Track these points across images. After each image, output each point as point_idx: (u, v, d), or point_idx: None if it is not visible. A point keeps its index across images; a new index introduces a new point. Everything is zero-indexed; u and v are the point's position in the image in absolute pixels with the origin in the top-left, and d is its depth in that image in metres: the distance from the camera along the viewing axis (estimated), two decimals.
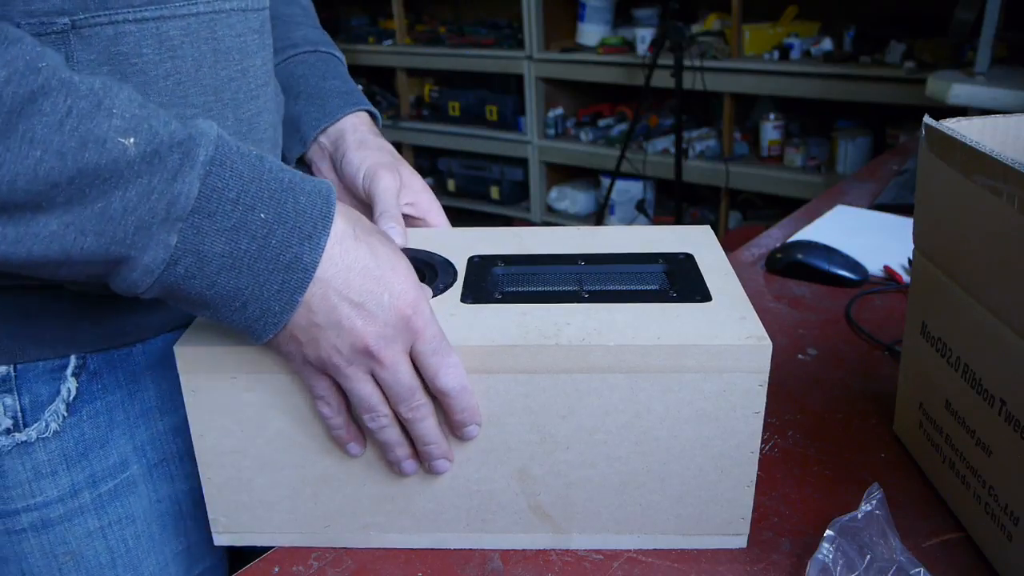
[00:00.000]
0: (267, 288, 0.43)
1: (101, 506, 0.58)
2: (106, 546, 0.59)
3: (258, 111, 0.58)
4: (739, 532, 0.53)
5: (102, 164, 0.38)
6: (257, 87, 0.58)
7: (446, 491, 0.52)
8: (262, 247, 0.42)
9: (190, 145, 0.40)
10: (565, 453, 0.50)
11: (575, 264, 0.58)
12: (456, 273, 0.57)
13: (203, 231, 0.41)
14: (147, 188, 0.39)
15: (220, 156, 0.41)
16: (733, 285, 0.55)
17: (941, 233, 0.56)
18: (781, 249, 0.96)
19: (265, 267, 0.43)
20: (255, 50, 0.57)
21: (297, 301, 0.44)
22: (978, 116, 0.58)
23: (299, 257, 0.43)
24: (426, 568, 0.53)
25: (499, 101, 3.43)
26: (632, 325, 0.49)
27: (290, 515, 0.54)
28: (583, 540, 0.53)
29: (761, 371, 0.48)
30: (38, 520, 0.56)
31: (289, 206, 0.43)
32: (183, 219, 0.40)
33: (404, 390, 0.47)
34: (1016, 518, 0.48)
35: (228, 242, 0.42)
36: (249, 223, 0.42)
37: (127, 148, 0.39)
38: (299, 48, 0.73)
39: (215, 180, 0.41)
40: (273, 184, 0.43)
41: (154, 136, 0.39)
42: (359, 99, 0.73)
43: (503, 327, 0.50)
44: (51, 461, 0.55)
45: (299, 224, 0.43)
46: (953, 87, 1.65)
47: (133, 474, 0.60)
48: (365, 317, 0.45)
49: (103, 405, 0.57)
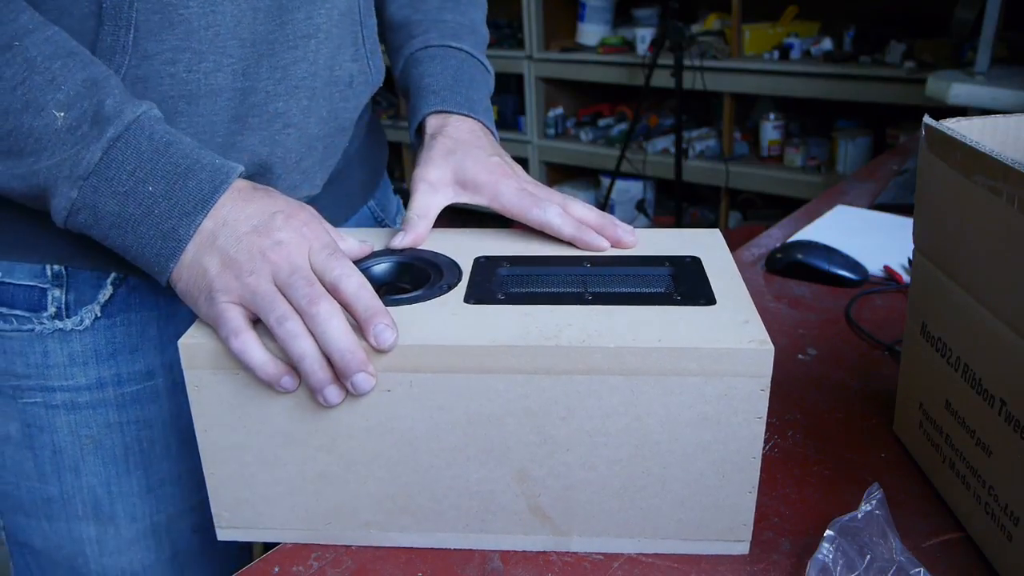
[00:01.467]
0: (148, 250, 0.51)
1: (123, 404, 0.64)
2: (122, 440, 0.65)
3: (294, 60, 0.61)
4: (741, 538, 0.52)
5: (36, 127, 0.49)
6: (296, 38, 0.60)
7: (446, 490, 0.52)
8: (146, 214, 0.51)
9: (105, 124, 0.50)
10: (565, 455, 0.50)
11: (580, 266, 0.58)
12: (461, 273, 0.57)
13: (99, 191, 0.50)
14: (65, 153, 0.49)
15: (128, 135, 0.50)
16: (738, 289, 0.54)
17: (941, 233, 0.56)
18: (781, 249, 0.96)
19: (147, 232, 0.51)
20: (297, 5, 0.60)
21: (170, 268, 0.51)
22: (978, 116, 0.58)
23: (175, 229, 0.51)
24: (426, 568, 0.53)
25: (499, 101, 3.43)
26: (633, 327, 0.49)
27: (292, 511, 0.54)
28: (583, 542, 0.53)
29: (763, 375, 0.47)
30: (69, 401, 0.63)
31: (178, 187, 0.51)
32: (83, 178, 0.50)
33: (302, 276, 0.49)
34: (1016, 518, 0.48)
35: (118, 204, 0.50)
36: (139, 193, 0.50)
37: (56, 119, 0.49)
38: (413, 47, 0.74)
39: (117, 153, 0.50)
40: (169, 167, 0.51)
41: (81, 114, 0.50)
42: (447, 98, 0.69)
43: (504, 327, 0.50)
44: (84, 352, 0.62)
45: (181, 202, 0.51)
46: (953, 87, 1.65)
47: (158, 385, 0.65)
48: (261, 231, 0.51)
49: (138, 317, 0.63)
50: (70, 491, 0.64)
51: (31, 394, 0.62)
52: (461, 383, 0.49)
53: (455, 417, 0.50)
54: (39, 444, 0.63)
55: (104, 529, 0.65)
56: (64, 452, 0.63)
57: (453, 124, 0.68)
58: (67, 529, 0.65)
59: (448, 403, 0.49)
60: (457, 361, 0.48)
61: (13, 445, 0.64)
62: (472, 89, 0.72)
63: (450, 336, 0.49)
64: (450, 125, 0.68)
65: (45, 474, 0.64)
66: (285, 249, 0.50)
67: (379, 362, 0.49)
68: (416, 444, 0.51)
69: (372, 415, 0.50)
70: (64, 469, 0.64)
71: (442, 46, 0.74)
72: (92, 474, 0.64)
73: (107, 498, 0.65)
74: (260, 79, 0.59)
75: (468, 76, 0.73)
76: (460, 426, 0.50)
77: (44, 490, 0.65)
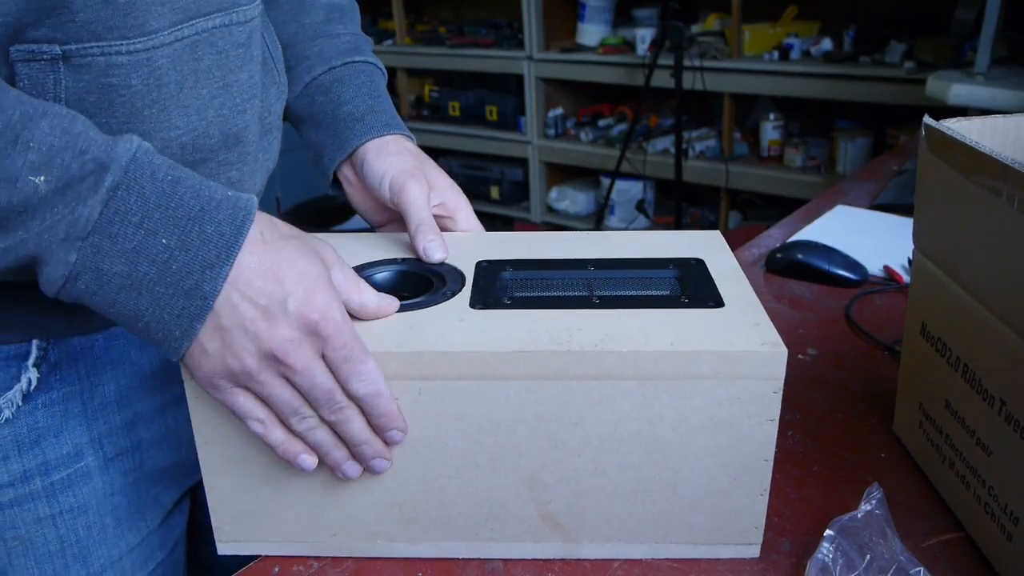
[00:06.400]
0: (167, 312, 0.44)
1: (52, 494, 0.58)
2: (56, 535, 0.59)
3: (245, 125, 0.58)
4: (752, 541, 0.52)
5: (14, 202, 0.41)
6: (243, 101, 0.57)
7: (455, 499, 0.52)
8: (162, 272, 0.43)
9: (100, 173, 0.42)
10: (576, 460, 0.50)
11: (585, 269, 0.58)
12: (464, 278, 0.56)
13: (103, 251, 0.42)
14: (55, 215, 0.42)
15: (128, 180, 0.43)
16: (745, 290, 0.54)
17: (941, 233, 0.56)
18: (781, 249, 0.96)
19: (165, 291, 0.44)
20: (238, 64, 0.56)
21: (196, 329, 0.44)
22: (978, 116, 0.58)
23: (199, 285, 0.44)
24: (426, 569, 0.53)
25: (499, 101, 3.43)
26: (644, 331, 0.49)
27: (295, 524, 0.53)
28: (593, 549, 0.53)
29: (776, 378, 0.47)
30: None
31: (194, 234, 0.44)
32: (82, 239, 0.42)
33: (322, 394, 0.46)
34: (1016, 518, 0.48)
35: (128, 263, 0.43)
36: (150, 247, 0.43)
37: (38, 187, 0.41)
38: (314, 72, 0.70)
39: (118, 204, 0.42)
40: (180, 211, 0.44)
41: (65, 171, 0.41)
42: (372, 123, 0.68)
43: (514, 333, 0.49)
44: (3, 446, 0.56)
45: (202, 252, 0.44)
46: (953, 87, 1.65)
47: (88, 465, 0.59)
48: (269, 319, 0.44)
49: (59, 396, 0.57)
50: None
51: None
52: (471, 390, 0.48)
53: (464, 424, 0.49)
54: None
55: None
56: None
57: (393, 142, 0.67)
58: None
59: (458, 410, 0.49)
60: (467, 368, 0.48)
61: None
62: (387, 102, 0.71)
63: (459, 342, 0.48)
64: (391, 144, 0.67)
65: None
66: (299, 356, 0.45)
67: (387, 369, 0.48)
68: (424, 452, 0.50)
69: None
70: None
71: (345, 64, 0.71)
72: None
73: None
74: (212, 150, 0.55)
75: (379, 90, 0.72)
76: (470, 433, 0.49)
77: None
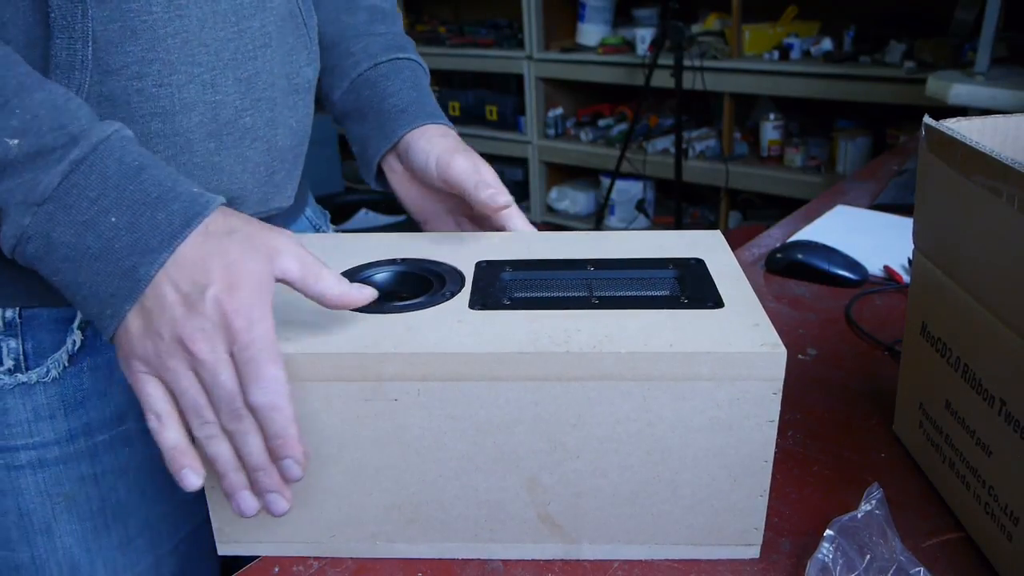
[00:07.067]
0: (103, 289, 0.45)
1: (95, 454, 0.60)
2: (98, 493, 0.61)
3: (256, 71, 0.58)
4: (751, 542, 0.52)
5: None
6: (255, 48, 0.58)
7: (454, 500, 0.51)
8: (105, 249, 0.44)
9: (70, 146, 0.44)
10: (575, 462, 0.50)
11: (584, 269, 0.58)
12: (464, 279, 0.56)
13: (55, 219, 0.44)
14: (22, 178, 0.44)
15: (94, 157, 0.45)
16: (745, 291, 0.54)
17: (941, 233, 0.56)
18: (781, 249, 0.96)
19: (103, 268, 0.44)
20: (251, 12, 0.57)
21: (125, 310, 0.45)
22: (978, 116, 0.58)
23: (136, 267, 0.44)
24: (426, 569, 0.53)
25: (499, 101, 3.43)
26: (644, 332, 0.49)
27: (296, 524, 0.53)
28: (593, 550, 0.53)
29: (775, 379, 0.47)
30: (36, 459, 0.59)
31: (145, 219, 0.45)
32: (38, 204, 0.44)
33: (224, 393, 0.44)
34: (1016, 518, 0.48)
35: (75, 235, 0.44)
36: (99, 224, 0.44)
37: (10, 148, 0.43)
38: (360, 68, 0.72)
39: (78, 177, 0.44)
40: (138, 195, 0.45)
41: (39, 139, 0.44)
42: (417, 113, 0.70)
43: (513, 334, 0.49)
44: (50, 405, 0.58)
45: (146, 237, 0.44)
46: (953, 87, 1.65)
47: (130, 430, 0.61)
48: (188, 306, 0.44)
49: (104, 360, 0.59)
50: (43, 555, 0.60)
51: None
52: (470, 391, 0.48)
53: (464, 426, 0.49)
54: (2, 509, 0.59)
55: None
56: (33, 514, 0.59)
57: (437, 129, 0.70)
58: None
59: (457, 411, 0.49)
60: (466, 369, 0.48)
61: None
62: (430, 97, 0.74)
63: (458, 343, 0.48)
64: (435, 130, 0.69)
65: (11, 540, 0.60)
66: (205, 345, 0.44)
67: (387, 370, 0.48)
68: (424, 454, 0.50)
69: (378, 425, 0.49)
70: (34, 532, 0.60)
71: (390, 60, 0.73)
72: (68, 534, 0.60)
73: (86, 557, 0.61)
74: (228, 92, 0.57)
75: (423, 86, 0.74)
76: (469, 435, 0.49)
77: (12, 558, 0.60)
